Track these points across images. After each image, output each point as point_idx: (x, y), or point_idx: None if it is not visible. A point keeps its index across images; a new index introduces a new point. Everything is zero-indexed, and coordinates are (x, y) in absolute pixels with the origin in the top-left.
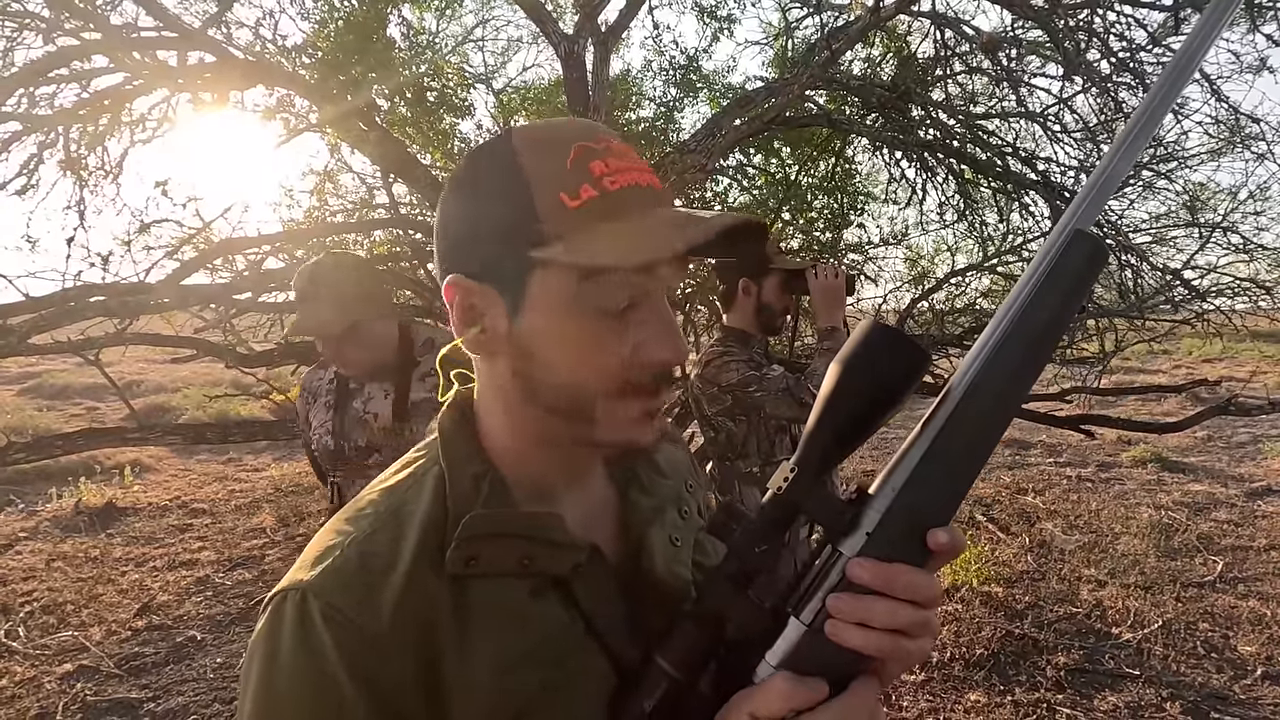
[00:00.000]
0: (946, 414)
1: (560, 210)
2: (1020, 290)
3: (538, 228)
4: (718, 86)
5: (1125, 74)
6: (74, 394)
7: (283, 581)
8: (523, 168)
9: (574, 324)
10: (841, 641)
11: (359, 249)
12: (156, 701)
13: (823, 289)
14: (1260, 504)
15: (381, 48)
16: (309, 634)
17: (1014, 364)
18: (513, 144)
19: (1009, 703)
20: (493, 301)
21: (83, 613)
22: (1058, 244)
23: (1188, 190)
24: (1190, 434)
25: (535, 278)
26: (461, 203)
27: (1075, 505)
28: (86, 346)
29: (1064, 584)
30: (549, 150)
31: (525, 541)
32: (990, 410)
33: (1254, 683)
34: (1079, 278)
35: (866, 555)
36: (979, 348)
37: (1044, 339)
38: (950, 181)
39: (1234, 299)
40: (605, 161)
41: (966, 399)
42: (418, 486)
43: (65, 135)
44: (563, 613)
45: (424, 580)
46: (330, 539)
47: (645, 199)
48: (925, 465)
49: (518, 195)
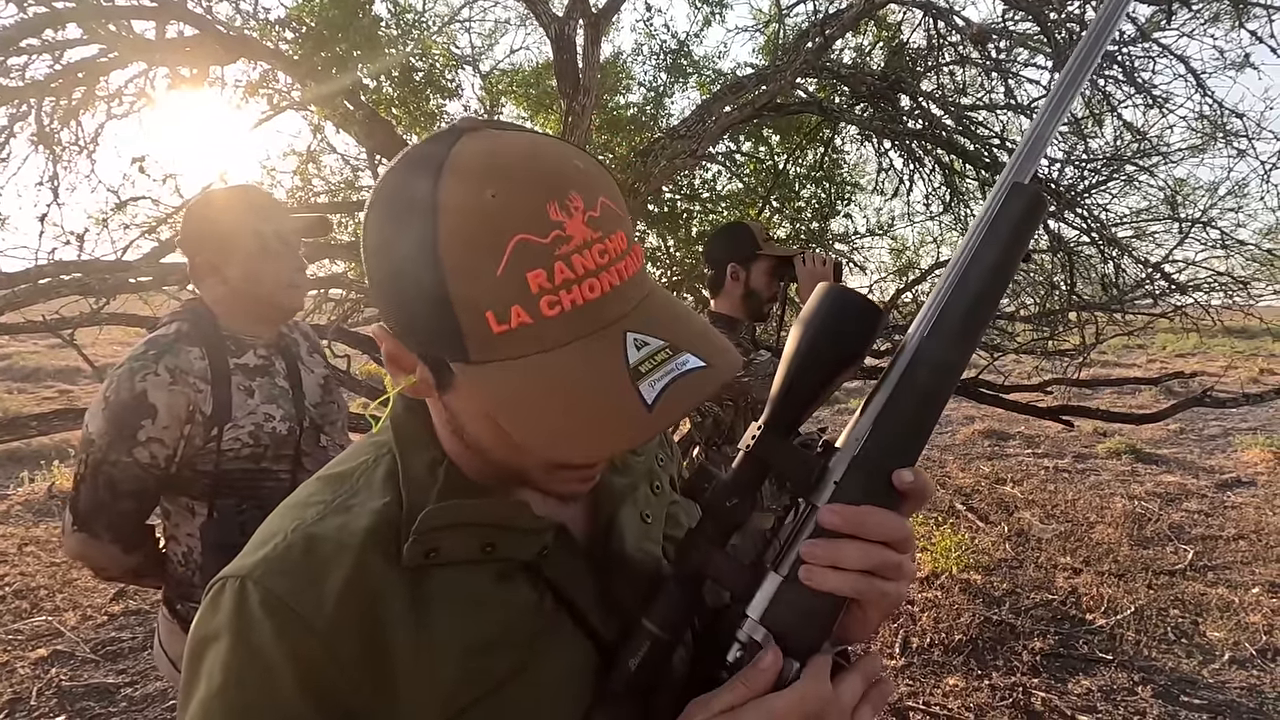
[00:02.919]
0: (904, 365)
1: (485, 332)
2: (965, 244)
3: (459, 343)
4: (708, 72)
5: (1114, 67)
6: (46, 376)
7: (225, 569)
8: (443, 262)
9: (501, 432)
10: (817, 585)
11: (343, 231)
12: (134, 686)
13: (810, 276)
14: (1229, 495)
15: (368, 24)
16: (248, 623)
17: (962, 313)
18: (436, 216)
19: (986, 686)
20: (419, 367)
21: (56, 597)
22: (997, 197)
23: (1169, 185)
24: (1163, 426)
25: (460, 378)
26: (375, 250)
27: (1052, 495)
28: (62, 326)
29: (1040, 572)
30: (479, 243)
31: (488, 529)
32: (944, 359)
33: (1221, 667)
34: (1018, 227)
35: (837, 502)
36: (930, 301)
37: (989, 288)
38: (937, 173)
39: (1210, 293)
40: (550, 268)
41: (922, 348)
42: (369, 475)
43: (38, 108)
44: (531, 593)
45: (374, 568)
46: (274, 525)
47: (597, 319)
48: (887, 413)
49: (436, 295)
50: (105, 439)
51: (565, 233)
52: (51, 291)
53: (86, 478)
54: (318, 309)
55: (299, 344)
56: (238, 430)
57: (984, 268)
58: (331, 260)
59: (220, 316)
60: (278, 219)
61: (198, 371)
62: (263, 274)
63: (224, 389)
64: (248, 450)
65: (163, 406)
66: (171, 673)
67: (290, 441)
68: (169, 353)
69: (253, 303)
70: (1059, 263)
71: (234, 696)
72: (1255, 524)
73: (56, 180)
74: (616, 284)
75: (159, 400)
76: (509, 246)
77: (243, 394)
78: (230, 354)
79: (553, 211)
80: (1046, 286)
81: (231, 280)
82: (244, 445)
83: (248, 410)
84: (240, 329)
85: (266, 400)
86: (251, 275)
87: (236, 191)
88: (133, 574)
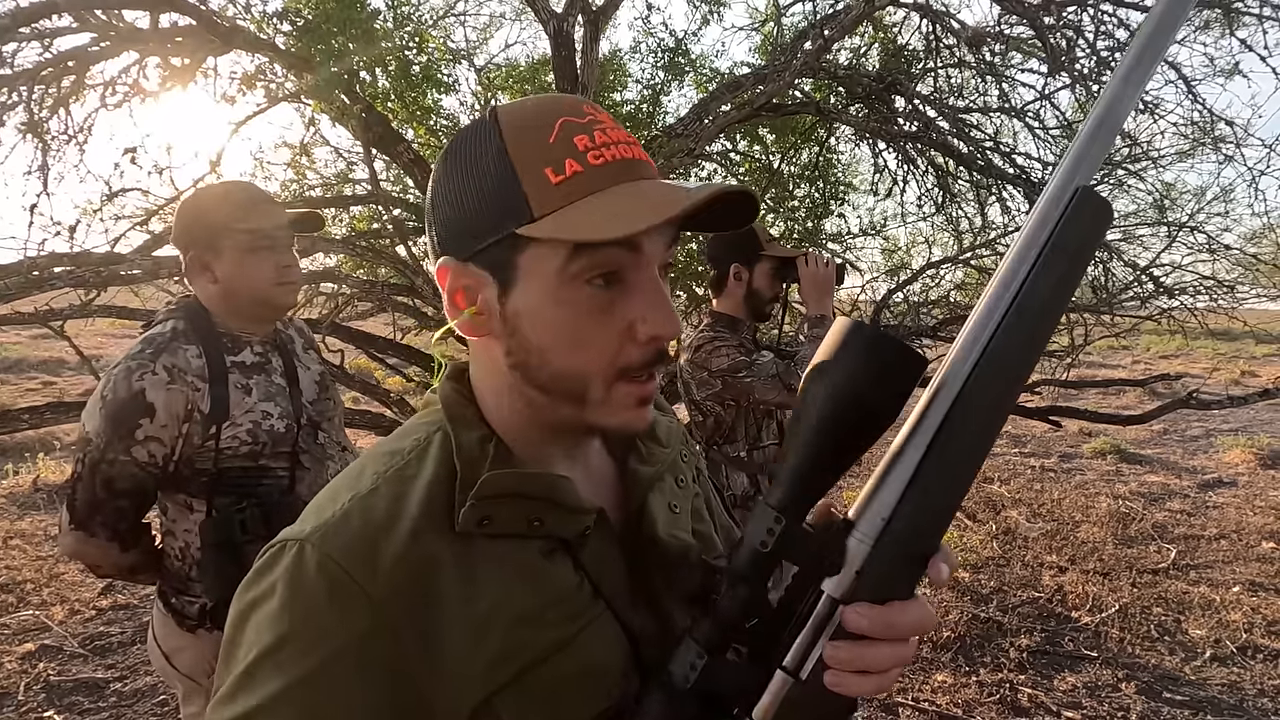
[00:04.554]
0: (940, 414)
1: (545, 186)
2: (1019, 261)
3: (524, 205)
4: (705, 70)
5: (1107, 73)
6: (30, 368)
7: (281, 534)
8: (506, 145)
9: (566, 302)
10: (846, 691)
11: (337, 225)
12: (123, 681)
13: (813, 277)
14: (1212, 495)
15: (365, 17)
16: (302, 584)
17: (1019, 346)
18: (496, 122)
19: (974, 683)
20: (484, 283)
21: (43, 591)
22: (1061, 204)
23: (1157, 189)
24: (1148, 427)
25: (525, 256)
26: (448, 184)
27: (1039, 494)
28: (51, 318)
29: (1027, 570)
30: (532, 126)
31: (537, 503)
32: (999, 400)
33: (1203, 664)
34: (1085, 242)
35: (860, 599)
36: (975, 331)
37: (1048, 315)
38: (930, 174)
39: (1195, 297)
40: (591, 135)
41: (967, 394)
42: (421, 449)
43: (28, 97)
44: (572, 574)
45: (428, 538)
46: (331, 496)
47: (631, 172)
48: (923, 480)
49: (502, 173)
50: (103, 438)
51: (597, 117)
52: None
53: (83, 476)
54: (310, 303)
55: (294, 341)
56: (236, 428)
57: (1048, 285)
58: (325, 254)
59: (215, 314)
60: (266, 214)
61: (195, 370)
62: (252, 271)
63: (222, 387)
64: (246, 448)
65: (160, 405)
66: (164, 667)
67: (288, 439)
68: (166, 351)
69: (245, 300)
70: None
71: (284, 658)
72: (1236, 524)
73: (46, 170)
74: (643, 158)
75: (157, 399)
76: (556, 125)
77: (240, 392)
78: (227, 352)
79: (585, 107)
80: None
81: (222, 277)
82: (242, 443)
83: (245, 408)
84: (235, 326)
85: (264, 398)
86: (241, 272)
87: (225, 187)
88: (128, 571)
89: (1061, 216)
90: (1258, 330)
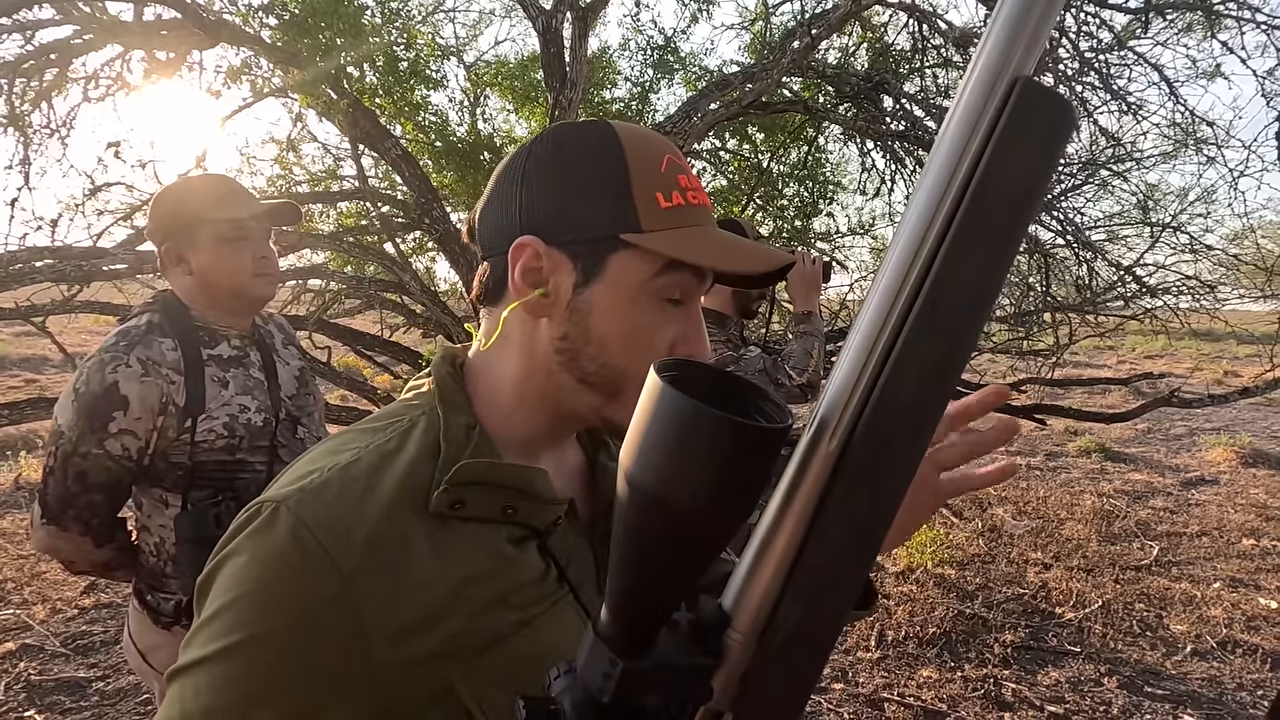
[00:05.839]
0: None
1: (654, 207)
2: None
3: (634, 217)
4: (694, 68)
5: (1090, 73)
6: (10, 365)
7: (260, 495)
8: (626, 159)
9: (639, 307)
10: None
11: (325, 221)
12: (105, 680)
13: (800, 275)
14: (1194, 493)
15: (353, 11)
16: (273, 547)
17: (932, 364)
18: (616, 134)
19: (959, 678)
20: (563, 268)
21: (25, 590)
22: (992, 108)
23: (1141, 190)
24: (1132, 426)
25: (617, 258)
26: (559, 172)
27: (1024, 492)
28: (33, 313)
29: (1012, 567)
30: (647, 152)
31: (511, 492)
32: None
33: (1184, 659)
34: (1033, 179)
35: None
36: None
37: (975, 309)
38: (919, 173)
39: (1178, 297)
40: (687, 176)
41: (854, 449)
42: (405, 429)
43: (9, 89)
44: (539, 560)
45: (402, 517)
46: (308, 465)
47: (710, 218)
48: (817, 547)
49: (620, 183)
50: (75, 430)
51: (685, 164)
52: (25, 278)
53: (56, 470)
54: (296, 300)
55: (274, 335)
56: (212, 421)
57: (973, 264)
58: (312, 250)
59: (191, 307)
60: (242, 205)
61: (170, 363)
62: (228, 262)
63: (197, 380)
64: (222, 441)
65: (134, 398)
66: (140, 665)
67: (266, 433)
68: (140, 344)
69: (220, 292)
70: (1035, 264)
71: (245, 612)
72: (1217, 521)
73: (28, 164)
74: (712, 211)
75: (130, 391)
76: (664, 158)
77: (217, 385)
78: (204, 345)
79: (679, 154)
80: (1023, 287)
81: (198, 269)
82: (218, 436)
83: (222, 401)
84: (212, 319)
85: (241, 391)
86: (216, 263)
87: (200, 179)
88: (103, 567)
89: (994, 131)
90: (1240, 331)
